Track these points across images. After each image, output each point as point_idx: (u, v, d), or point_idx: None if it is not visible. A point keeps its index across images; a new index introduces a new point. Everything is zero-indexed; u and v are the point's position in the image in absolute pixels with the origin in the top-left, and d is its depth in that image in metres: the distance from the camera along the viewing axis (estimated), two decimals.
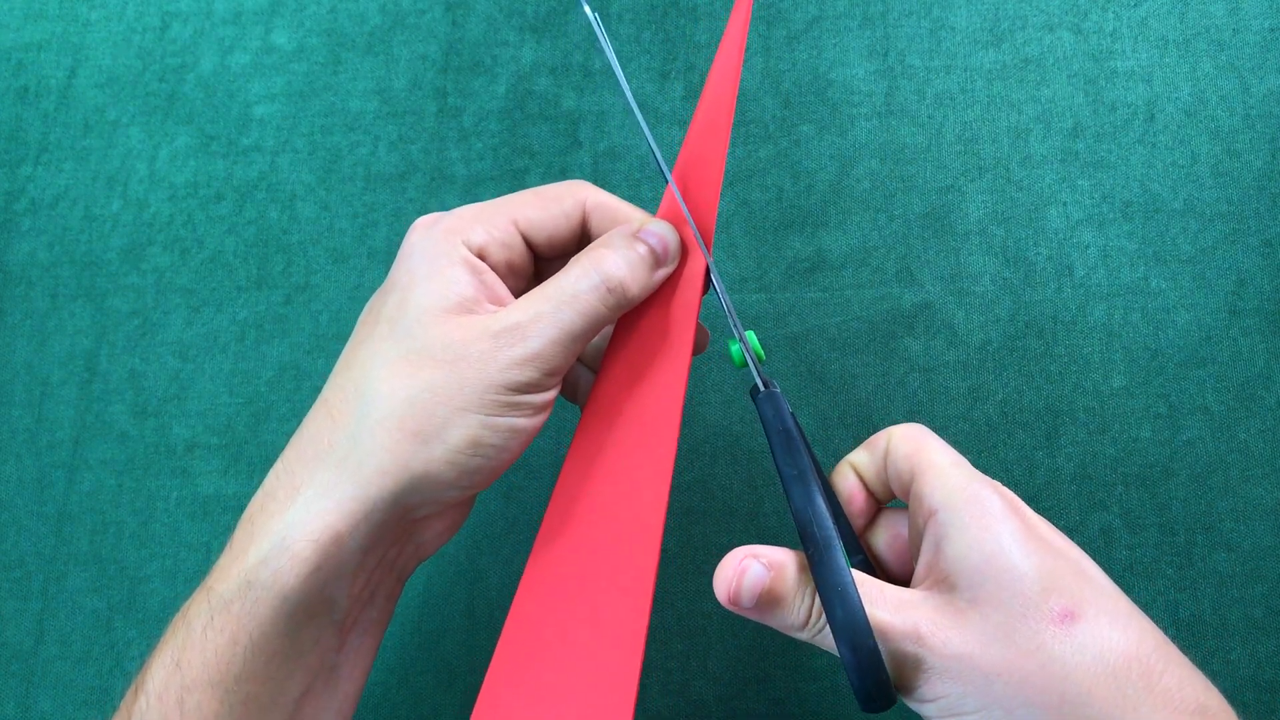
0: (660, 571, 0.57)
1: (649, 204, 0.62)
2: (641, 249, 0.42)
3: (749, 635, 0.55)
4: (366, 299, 0.63)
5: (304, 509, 0.38)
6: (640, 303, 0.43)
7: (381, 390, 0.38)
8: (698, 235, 0.44)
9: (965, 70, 0.64)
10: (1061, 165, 0.62)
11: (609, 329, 0.45)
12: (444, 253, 0.41)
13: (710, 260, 0.44)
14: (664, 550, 0.57)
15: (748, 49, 0.65)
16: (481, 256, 0.42)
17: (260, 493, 0.40)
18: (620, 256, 0.41)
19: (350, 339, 0.43)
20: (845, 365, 0.59)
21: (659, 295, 0.44)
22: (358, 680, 0.41)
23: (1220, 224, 0.60)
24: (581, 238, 0.45)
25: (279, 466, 0.40)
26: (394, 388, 0.38)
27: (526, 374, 0.39)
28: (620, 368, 0.44)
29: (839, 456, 0.55)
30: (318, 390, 0.60)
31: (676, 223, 0.44)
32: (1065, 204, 0.61)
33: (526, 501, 0.58)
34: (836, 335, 0.59)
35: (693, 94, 0.65)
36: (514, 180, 0.64)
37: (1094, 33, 0.64)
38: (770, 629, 0.40)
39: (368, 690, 0.56)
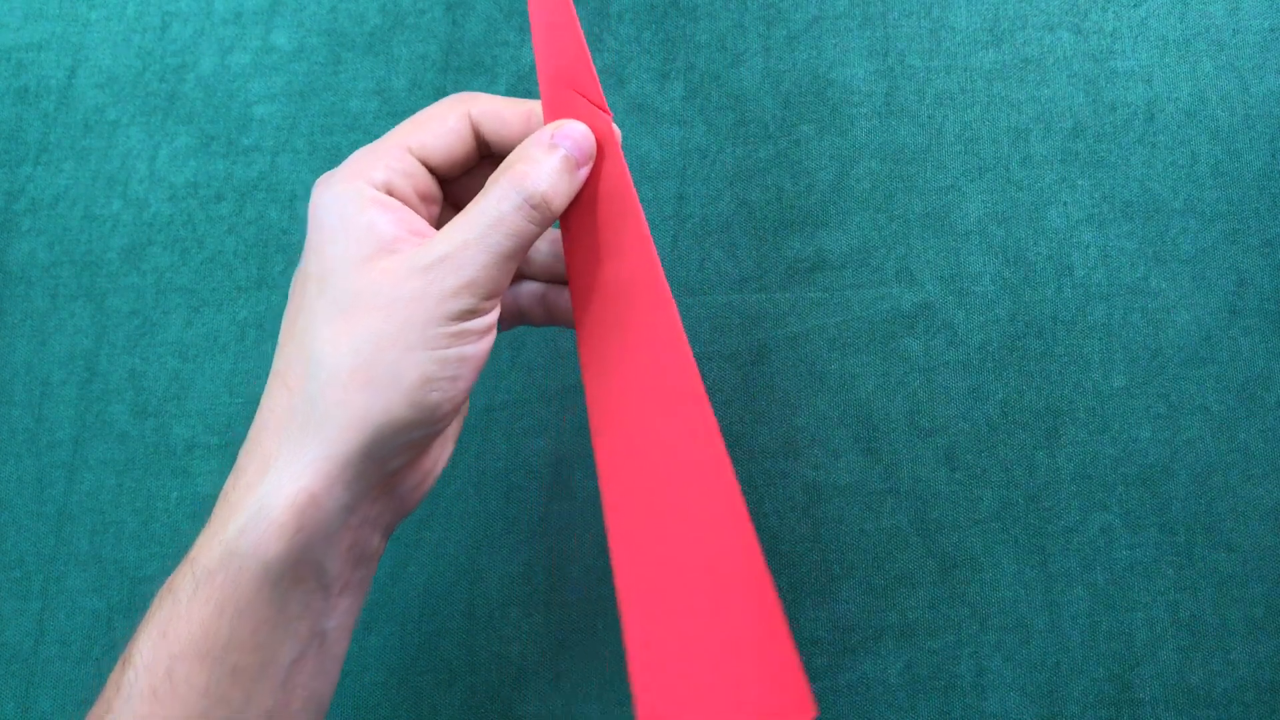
0: None
1: (648, 204, 0.63)
2: (558, 157, 0.42)
3: None
4: None
5: (276, 476, 0.38)
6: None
7: (326, 349, 0.39)
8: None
9: (965, 70, 0.64)
10: (1062, 165, 0.62)
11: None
12: (350, 199, 0.41)
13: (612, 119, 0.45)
14: None
15: (747, 49, 0.65)
16: (389, 193, 0.42)
17: (233, 471, 0.40)
18: (539, 170, 0.41)
19: (285, 311, 0.43)
20: (845, 365, 0.59)
21: (589, 182, 0.44)
22: (345, 643, 0.42)
23: (1220, 224, 0.60)
24: (478, 148, 0.45)
25: (246, 444, 0.40)
26: (337, 344, 0.39)
27: (464, 302, 0.39)
28: (585, 268, 0.44)
29: (839, 458, 0.56)
30: None
31: (572, 111, 0.44)
32: (1065, 204, 0.61)
33: (527, 501, 0.59)
34: (836, 335, 0.60)
35: (693, 93, 0.65)
36: None
37: (1094, 33, 0.64)
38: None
39: (368, 690, 0.57)
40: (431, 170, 0.44)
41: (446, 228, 0.40)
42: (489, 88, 0.66)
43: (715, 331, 0.60)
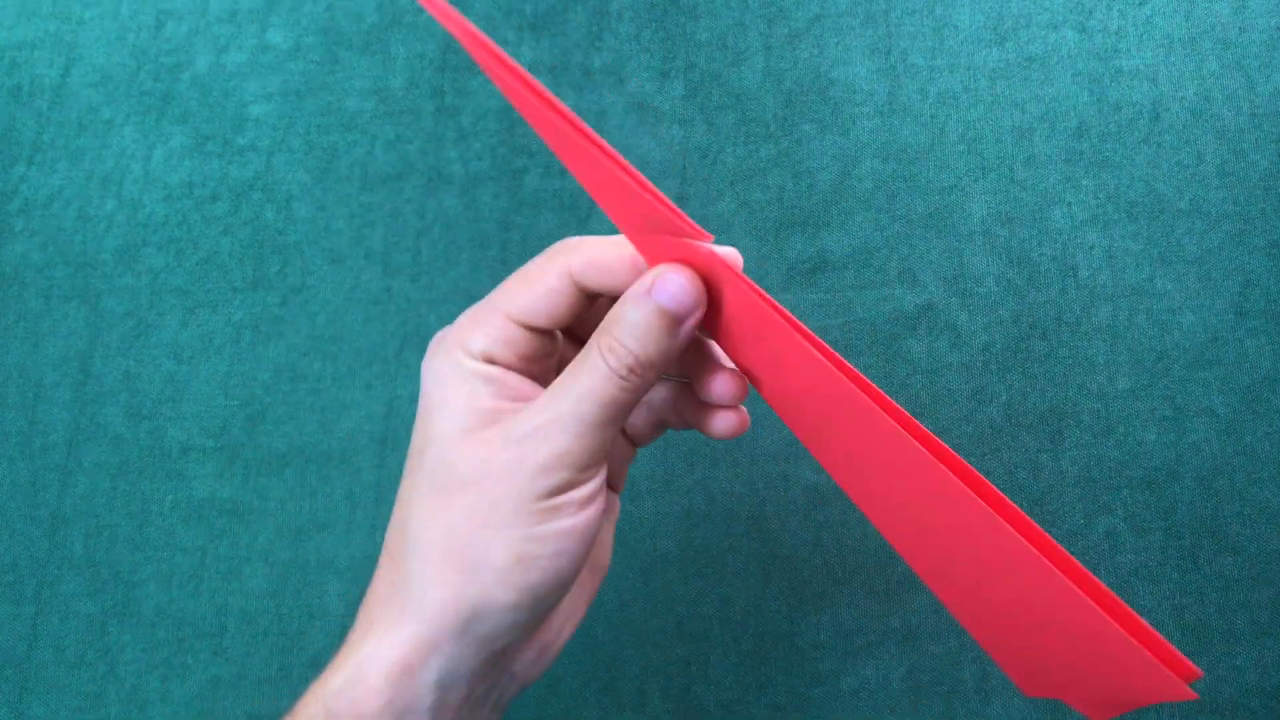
0: (659, 574, 0.58)
1: None
2: (652, 314, 0.39)
3: (751, 640, 0.56)
4: (363, 300, 0.65)
5: (375, 643, 0.38)
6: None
7: (422, 527, 0.38)
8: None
9: (968, 69, 0.64)
10: (1066, 165, 0.62)
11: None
12: (452, 370, 0.40)
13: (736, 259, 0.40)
14: (664, 554, 0.58)
15: (748, 48, 0.65)
16: (490, 361, 0.41)
17: (353, 628, 0.40)
18: (632, 333, 0.39)
19: (398, 490, 0.42)
20: None
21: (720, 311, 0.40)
22: None
23: (1226, 224, 0.60)
24: (586, 301, 0.43)
25: (361, 607, 0.40)
26: (433, 522, 0.38)
27: (557, 477, 0.38)
28: (763, 381, 0.41)
29: None
30: (314, 392, 0.62)
31: (679, 258, 0.39)
32: (1070, 204, 0.62)
33: None
34: (838, 337, 0.60)
35: (693, 92, 0.65)
36: (512, 180, 0.65)
37: (1099, 31, 0.64)
38: (771, 637, 0.41)
39: None
40: (538, 329, 0.42)
41: (546, 394, 0.39)
42: (487, 86, 0.66)
43: None
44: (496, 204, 0.64)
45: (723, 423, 0.45)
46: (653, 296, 0.39)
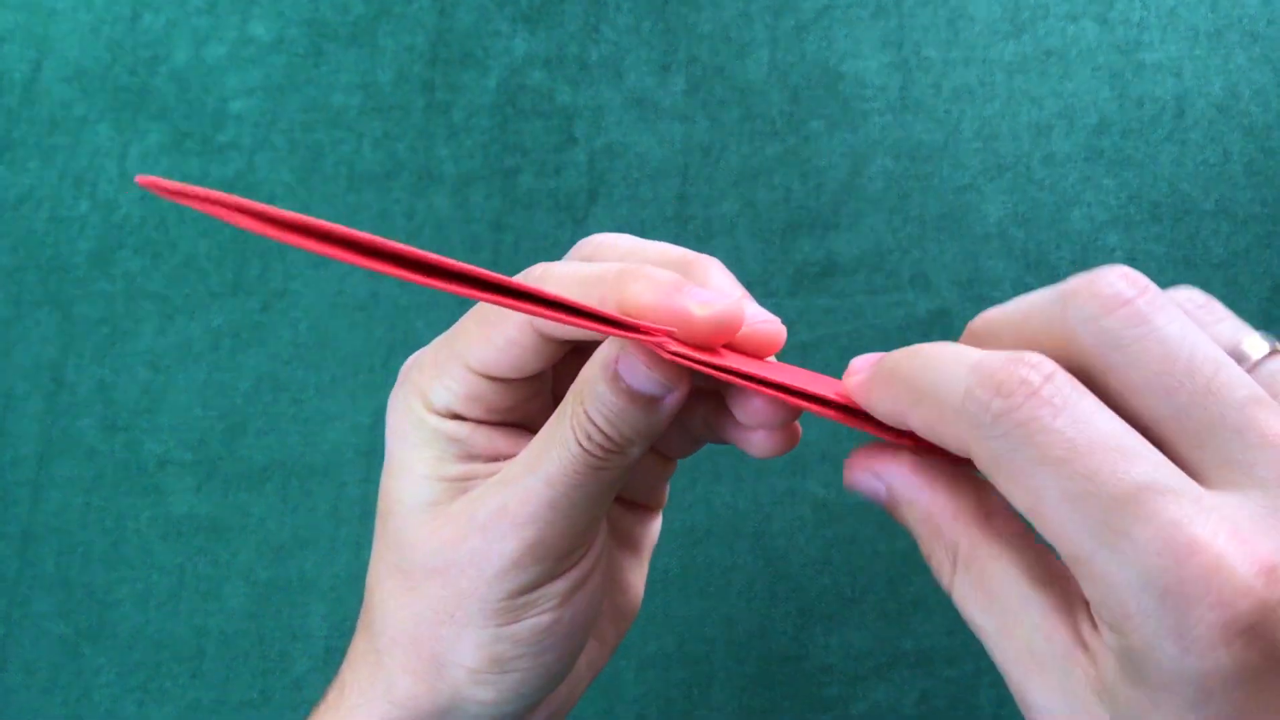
0: (660, 594, 0.57)
1: (648, 205, 0.62)
2: (622, 392, 0.33)
3: (755, 663, 0.55)
4: (349, 305, 0.65)
5: (348, 714, 0.36)
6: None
7: (388, 610, 0.36)
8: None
9: (984, 63, 0.64)
10: (1086, 163, 0.62)
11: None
12: (412, 427, 0.36)
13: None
14: (665, 572, 0.57)
15: (753, 40, 0.65)
16: (455, 416, 0.36)
17: (334, 681, 0.38)
18: (600, 408, 0.33)
19: None
20: None
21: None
22: None
23: (1254, 226, 0.60)
24: (559, 347, 0.36)
25: (345, 661, 0.38)
26: (398, 607, 0.35)
27: (529, 573, 0.34)
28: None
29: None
30: (296, 402, 0.61)
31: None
32: (1090, 205, 0.61)
33: None
34: (848, 344, 0.59)
35: (696, 87, 0.65)
36: (505, 179, 0.64)
37: (1120, 23, 0.63)
38: (777, 659, 0.40)
39: None
40: (501, 379, 0.37)
41: (515, 466, 0.35)
42: (479, 81, 0.66)
43: None
44: (489, 204, 0.63)
45: (765, 441, 0.38)
46: (620, 372, 0.32)
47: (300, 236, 0.28)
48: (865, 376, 0.31)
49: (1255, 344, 0.27)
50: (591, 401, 0.33)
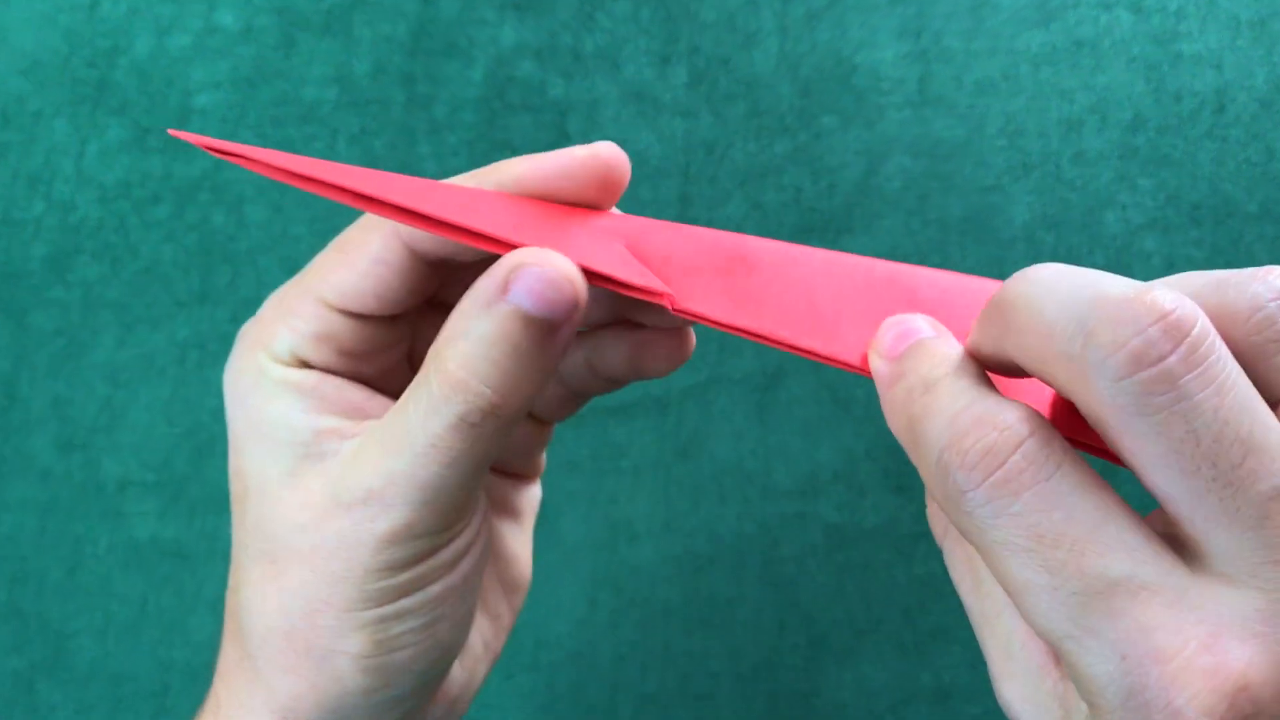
0: (660, 627, 0.58)
1: (647, 206, 0.63)
2: (509, 319, 0.31)
3: (764, 700, 0.56)
4: None
5: None
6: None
7: (253, 606, 0.34)
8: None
9: (1010, 53, 0.65)
10: (1120, 162, 0.63)
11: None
12: (252, 384, 0.35)
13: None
14: (664, 603, 0.58)
15: (760, 29, 0.66)
16: (304, 364, 0.35)
17: (205, 700, 0.37)
18: (475, 358, 0.31)
19: None
20: (873, 391, 0.60)
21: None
22: None
23: None
24: (433, 273, 0.36)
25: (216, 672, 0.37)
26: (265, 600, 0.34)
27: (406, 549, 0.33)
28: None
29: (865, 494, 0.56)
30: None
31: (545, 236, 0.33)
32: (1124, 206, 0.62)
33: None
34: None
35: (698, 79, 0.66)
36: None
37: (1156, 11, 0.65)
38: (786, 696, 0.41)
39: None
40: (366, 316, 0.36)
41: (377, 433, 0.33)
42: (463, 73, 0.67)
43: (724, 353, 0.61)
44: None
45: (665, 350, 0.39)
46: (509, 299, 0.31)
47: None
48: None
49: None
50: (463, 351, 0.31)
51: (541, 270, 0.31)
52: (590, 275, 0.32)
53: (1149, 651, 0.24)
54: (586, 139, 0.64)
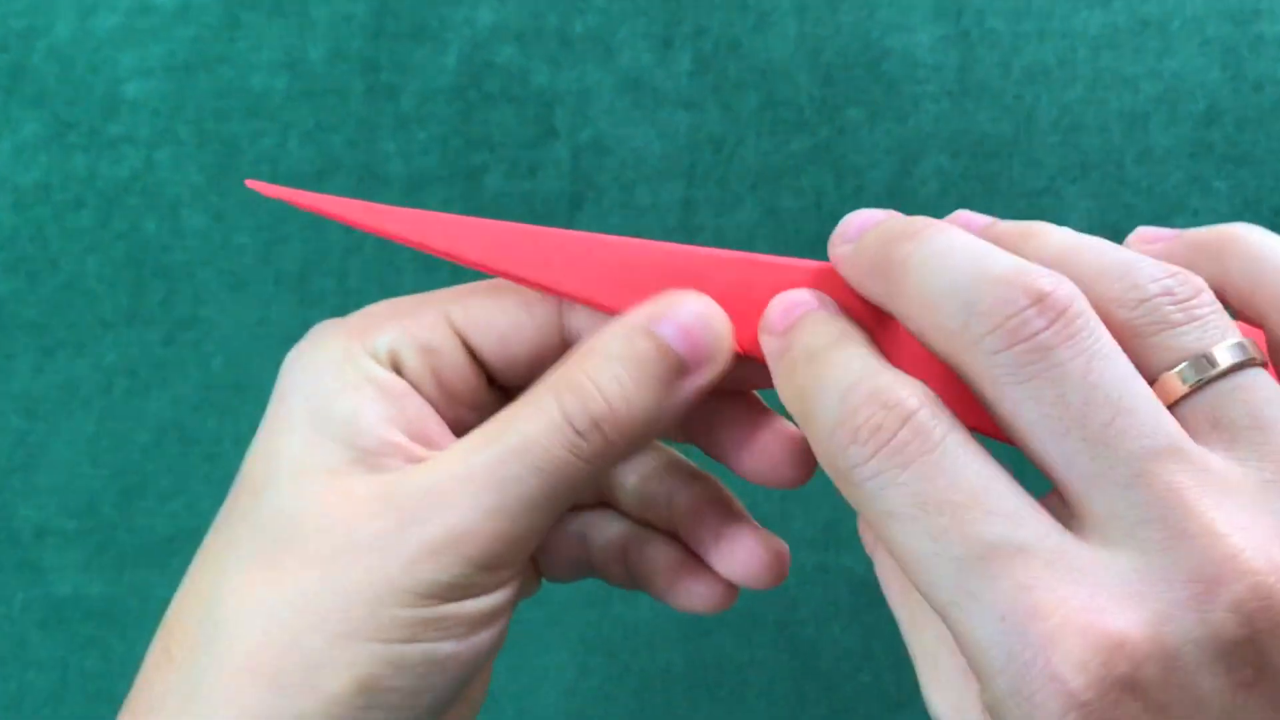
0: (659, 694, 0.59)
1: (645, 212, 0.65)
2: (647, 346, 0.34)
3: None
4: (271, 336, 0.65)
5: None
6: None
7: (230, 611, 0.33)
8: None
9: (1064, 36, 0.66)
10: (1191, 161, 0.64)
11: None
12: (331, 370, 0.36)
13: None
14: (665, 669, 0.60)
15: (775, 8, 0.67)
16: (396, 369, 0.36)
17: None
18: (605, 368, 0.34)
19: (214, 521, 0.37)
20: None
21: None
22: None
23: None
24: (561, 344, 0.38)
25: (124, 710, 0.36)
26: (247, 606, 0.33)
27: (448, 570, 0.33)
28: None
29: None
30: (210, 458, 0.63)
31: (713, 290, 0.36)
32: (1196, 211, 0.64)
33: None
34: None
35: (705, 66, 0.67)
36: (467, 181, 0.66)
37: None
38: None
39: None
40: (482, 360, 0.37)
41: (458, 443, 0.35)
42: (434, 59, 0.68)
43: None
44: (448, 211, 0.62)
45: (705, 590, 0.42)
46: (653, 328, 0.34)
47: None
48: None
49: (1225, 352, 0.30)
50: (597, 360, 0.34)
51: (696, 309, 0.35)
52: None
53: (1027, 609, 0.27)
54: (576, 136, 0.66)
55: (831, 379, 0.31)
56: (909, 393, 0.30)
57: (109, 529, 0.63)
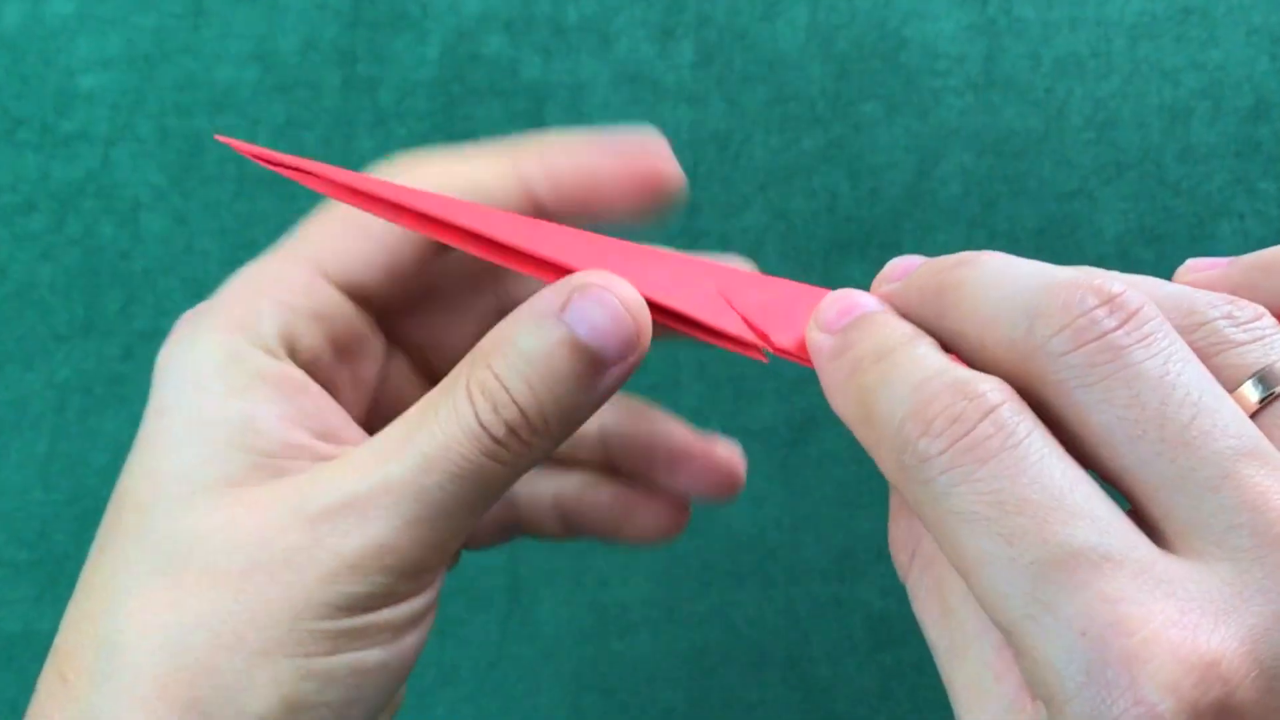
0: None
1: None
2: (561, 344, 0.34)
3: None
4: None
5: None
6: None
7: (130, 634, 0.33)
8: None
9: (1099, 24, 0.67)
10: (1236, 160, 0.65)
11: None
12: (213, 373, 0.36)
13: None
14: (668, 710, 0.60)
15: None
16: (290, 353, 0.37)
17: None
18: (518, 368, 0.34)
19: (94, 543, 0.37)
20: None
21: None
22: None
23: None
24: (435, 254, 0.40)
25: None
26: (151, 631, 0.33)
27: (370, 582, 0.34)
28: None
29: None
30: None
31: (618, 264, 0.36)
32: (1243, 215, 0.64)
33: (477, 640, 0.61)
34: None
35: (709, 58, 0.67)
36: None
37: None
38: None
39: None
40: (368, 299, 0.39)
41: (369, 445, 0.35)
42: (415, 49, 0.69)
43: (741, 399, 0.64)
44: None
45: (657, 518, 0.43)
46: (566, 319, 0.34)
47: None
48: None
49: None
50: (508, 358, 0.34)
51: (605, 296, 0.34)
52: (669, 315, 0.37)
53: (1112, 623, 0.27)
54: (568, 132, 0.66)
55: (905, 371, 0.32)
56: (991, 386, 0.30)
57: (62, 559, 0.64)
